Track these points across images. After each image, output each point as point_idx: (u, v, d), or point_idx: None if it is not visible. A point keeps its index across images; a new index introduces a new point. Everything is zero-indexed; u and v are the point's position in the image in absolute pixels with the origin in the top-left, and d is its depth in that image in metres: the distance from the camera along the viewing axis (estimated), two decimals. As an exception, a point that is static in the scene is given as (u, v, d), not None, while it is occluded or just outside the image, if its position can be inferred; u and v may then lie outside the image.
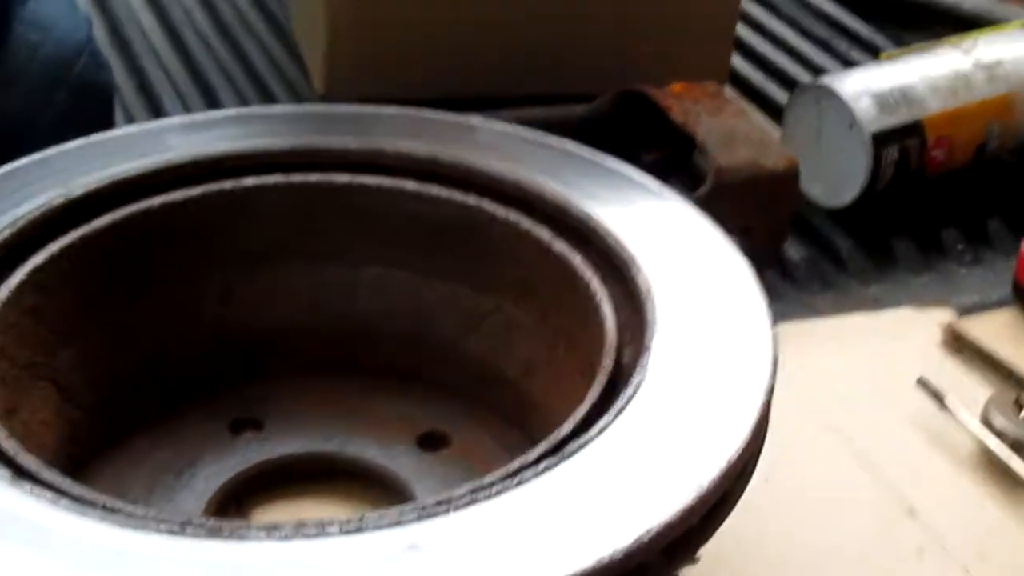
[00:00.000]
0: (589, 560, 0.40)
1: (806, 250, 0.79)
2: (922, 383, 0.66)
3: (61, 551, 0.40)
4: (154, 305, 0.59)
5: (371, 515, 0.42)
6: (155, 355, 0.60)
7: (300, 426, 0.60)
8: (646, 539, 0.41)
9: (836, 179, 0.81)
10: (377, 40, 0.83)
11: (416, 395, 0.61)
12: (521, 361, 0.59)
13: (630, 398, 0.47)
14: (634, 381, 0.48)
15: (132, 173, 0.59)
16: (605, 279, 0.55)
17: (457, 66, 0.84)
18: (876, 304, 0.76)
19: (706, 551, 0.56)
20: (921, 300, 0.76)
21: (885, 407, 0.68)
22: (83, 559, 0.40)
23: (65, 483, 0.44)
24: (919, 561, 0.59)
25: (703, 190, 0.70)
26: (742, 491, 0.47)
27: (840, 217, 0.81)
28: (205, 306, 0.61)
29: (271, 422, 0.60)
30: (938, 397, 0.66)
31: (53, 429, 0.55)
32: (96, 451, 0.57)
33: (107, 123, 0.74)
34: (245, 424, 0.60)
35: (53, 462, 0.48)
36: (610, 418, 0.46)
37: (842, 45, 1.00)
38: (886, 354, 0.72)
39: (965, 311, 0.75)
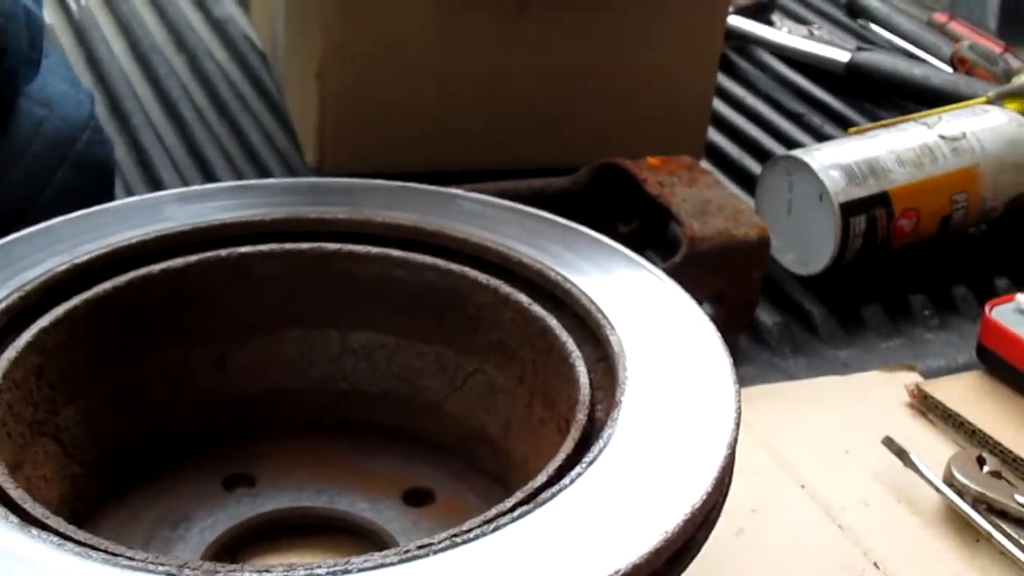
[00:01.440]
0: (560, 599, 0.43)
1: (779, 316, 0.82)
2: (887, 442, 0.69)
3: (66, 591, 0.43)
4: (153, 367, 0.62)
5: (356, 559, 0.45)
6: (153, 415, 0.62)
7: (291, 482, 0.62)
8: (657, 547, 0.44)
9: (807, 248, 0.84)
10: (365, 116, 0.86)
11: (402, 453, 0.64)
12: (501, 420, 0.62)
13: (601, 450, 0.50)
14: (605, 434, 0.51)
15: (133, 241, 0.62)
16: (580, 341, 0.58)
17: (443, 141, 0.87)
18: (846, 368, 0.79)
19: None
20: (889, 364, 0.79)
21: (852, 465, 0.71)
22: (86, 599, 0.43)
23: (69, 529, 0.46)
24: (883, 611, 0.62)
25: (677, 258, 0.73)
26: (706, 537, 0.50)
27: (811, 284, 0.84)
28: (201, 368, 0.64)
29: (263, 478, 0.63)
30: (902, 455, 0.68)
31: (54, 484, 0.58)
32: (96, 505, 0.60)
33: (108, 197, 0.77)
34: (238, 480, 0.63)
35: (56, 514, 0.50)
36: (582, 468, 0.49)
37: (816, 120, 1.04)
38: (854, 415, 0.75)
39: (931, 374, 0.78)
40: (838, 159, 0.84)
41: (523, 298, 0.61)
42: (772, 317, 0.81)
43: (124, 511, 0.61)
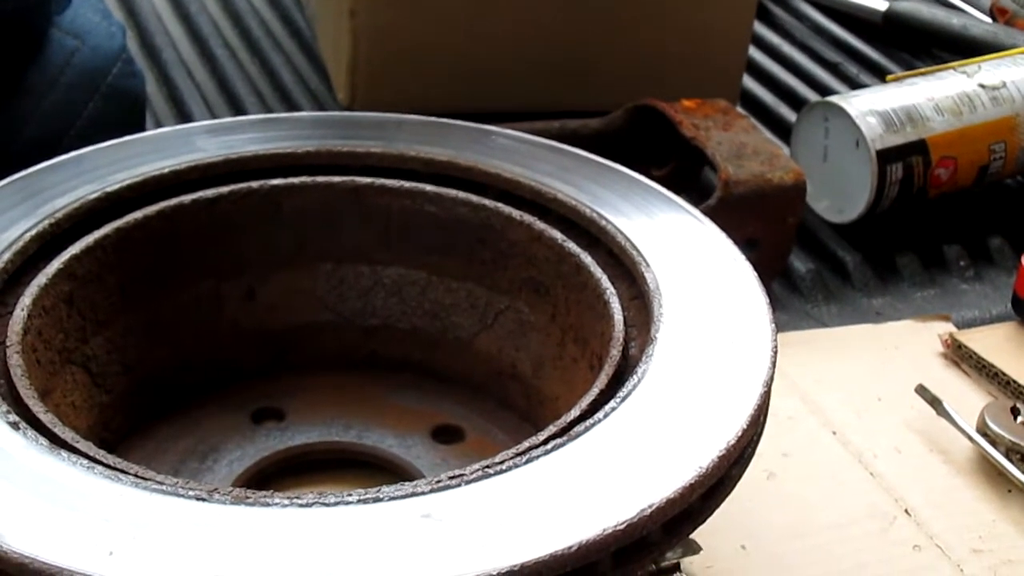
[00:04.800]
0: (593, 531, 0.42)
1: (812, 263, 0.81)
2: (921, 390, 0.69)
3: (95, 513, 0.43)
4: (182, 298, 0.62)
5: (387, 488, 0.44)
6: (182, 347, 0.62)
7: (320, 417, 0.62)
8: (648, 513, 0.43)
9: (842, 195, 0.83)
10: (398, 55, 0.86)
11: (432, 390, 0.64)
12: (533, 358, 0.61)
13: (635, 385, 0.49)
14: (640, 370, 0.50)
15: (164, 171, 0.62)
16: (614, 278, 0.58)
17: (475, 81, 0.87)
18: (879, 316, 0.78)
19: (709, 543, 0.59)
20: (923, 313, 0.78)
21: (885, 413, 0.70)
22: (115, 521, 0.42)
23: (99, 453, 0.46)
24: (915, 558, 0.61)
25: (711, 201, 0.72)
26: (740, 474, 0.49)
27: (846, 232, 0.83)
28: (231, 301, 0.63)
29: (292, 413, 0.62)
30: (936, 403, 0.68)
31: (83, 413, 0.57)
32: (124, 436, 0.60)
33: (139, 129, 0.76)
34: (267, 414, 0.62)
35: (85, 442, 0.50)
36: (616, 403, 0.49)
37: (852, 69, 1.03)
38: (887, 363, 0.74)
39: (966, 324, 0.77)
40: (875, 106, 0.83)
41: (557, 234, 0.60)
42: (805, 264, 0.81)
43: (152, 443, 0.60)
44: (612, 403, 0.49)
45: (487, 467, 0.46)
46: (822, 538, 0.62)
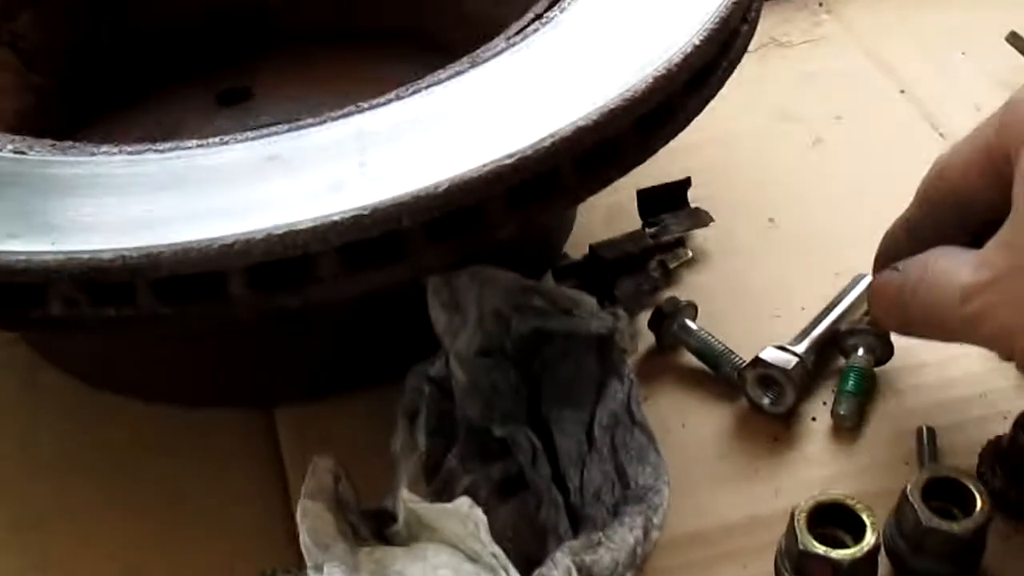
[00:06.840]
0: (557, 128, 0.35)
1: None
2: (1013, 38, 0.59)
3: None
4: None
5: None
6: (128, 20, 0.56)
7: (291, 95, 0.56)
8: (613, 107, 0.36)
9: None
10: None
11: (416, 61, 0.56)
12: (519, 16, 0.53)
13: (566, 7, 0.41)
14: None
15: None
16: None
17: None
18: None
19: (730, 217, 0.50)
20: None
21: (967, 68, 0.62)
22: None
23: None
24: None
25: None
26: (730, 67, 0.41)
27: None
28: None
29: (260, 92, 0.56)
30: (1024, 49, 0.57)
31: (13, 96, 0.52)
32: (73, 127, 0.54)
33: None
34: (234, 96, 0.57)
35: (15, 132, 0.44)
36: (539, 25, 0.41)
37: None
38: (978, 12, 0.65)
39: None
40: None
41: None
42: None
43: (103, 131, 0.54)
44: (535, 25, 0.40)
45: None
46: (867, 210, 0.52)
